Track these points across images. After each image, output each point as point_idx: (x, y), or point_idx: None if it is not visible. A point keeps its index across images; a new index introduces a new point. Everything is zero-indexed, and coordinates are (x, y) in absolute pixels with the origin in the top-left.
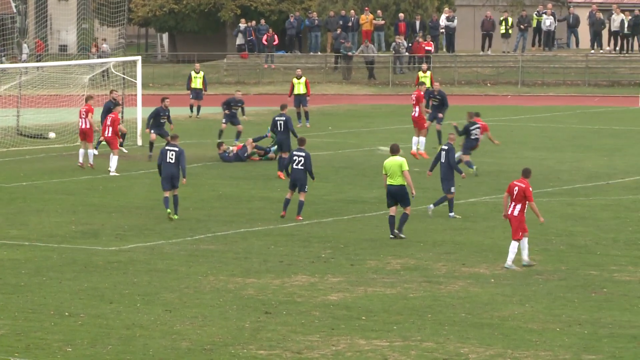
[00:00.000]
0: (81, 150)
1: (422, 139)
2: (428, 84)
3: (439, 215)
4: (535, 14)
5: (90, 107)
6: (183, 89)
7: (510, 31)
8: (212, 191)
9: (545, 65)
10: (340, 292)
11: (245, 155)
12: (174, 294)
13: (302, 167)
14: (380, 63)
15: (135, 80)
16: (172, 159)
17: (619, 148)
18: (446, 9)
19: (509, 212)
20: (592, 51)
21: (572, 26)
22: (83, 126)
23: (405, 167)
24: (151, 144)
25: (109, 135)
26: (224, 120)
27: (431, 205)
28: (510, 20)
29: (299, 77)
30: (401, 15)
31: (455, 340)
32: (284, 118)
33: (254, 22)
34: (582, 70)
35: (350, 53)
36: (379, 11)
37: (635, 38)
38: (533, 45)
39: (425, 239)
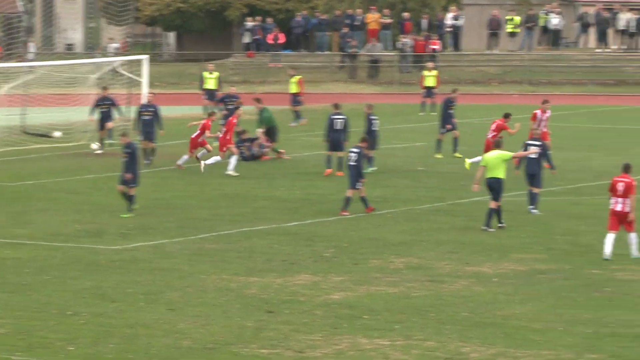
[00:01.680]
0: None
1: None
2: (433, 83)
3: (444, 214)
4: (542, 13)
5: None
6: (189, 88)
7: (517, 30)
8: (217, 190)
9: (552, 64)
10: (342, 291)
11: (264, 150)
12: (176, 292)
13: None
14: (387, 62)
15: (142, 79)
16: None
17: (625, 147)
18: (453, 7)
19: (616, 209)
20: (599, 50)
21: (585, 25)
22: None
23: (508, 157)
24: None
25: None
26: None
27: None
28: (516, 19)
29: (292, 77)
30: (407, 14)
31: (457, 339)
32: (344, 117)
33: (260, 19)
34: (588, 69)
35: (353, 50)
36: (385, 10)
37: None
38: (540, 44)
39: (428, 238)
